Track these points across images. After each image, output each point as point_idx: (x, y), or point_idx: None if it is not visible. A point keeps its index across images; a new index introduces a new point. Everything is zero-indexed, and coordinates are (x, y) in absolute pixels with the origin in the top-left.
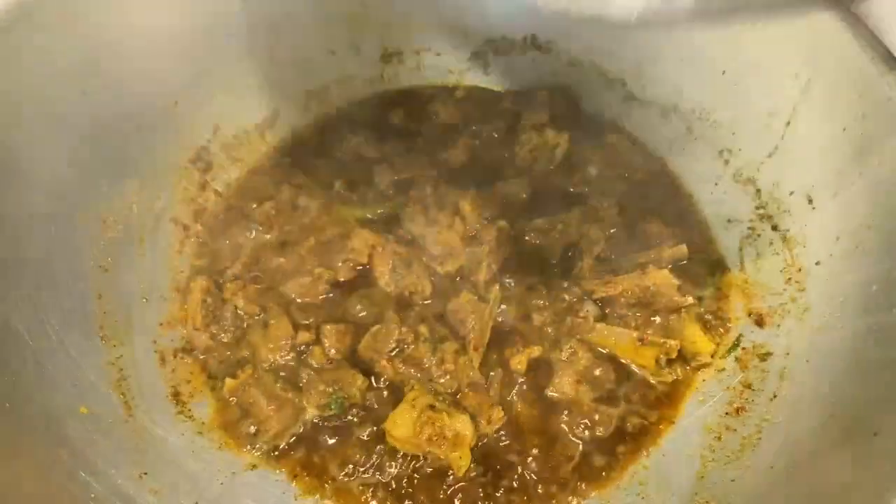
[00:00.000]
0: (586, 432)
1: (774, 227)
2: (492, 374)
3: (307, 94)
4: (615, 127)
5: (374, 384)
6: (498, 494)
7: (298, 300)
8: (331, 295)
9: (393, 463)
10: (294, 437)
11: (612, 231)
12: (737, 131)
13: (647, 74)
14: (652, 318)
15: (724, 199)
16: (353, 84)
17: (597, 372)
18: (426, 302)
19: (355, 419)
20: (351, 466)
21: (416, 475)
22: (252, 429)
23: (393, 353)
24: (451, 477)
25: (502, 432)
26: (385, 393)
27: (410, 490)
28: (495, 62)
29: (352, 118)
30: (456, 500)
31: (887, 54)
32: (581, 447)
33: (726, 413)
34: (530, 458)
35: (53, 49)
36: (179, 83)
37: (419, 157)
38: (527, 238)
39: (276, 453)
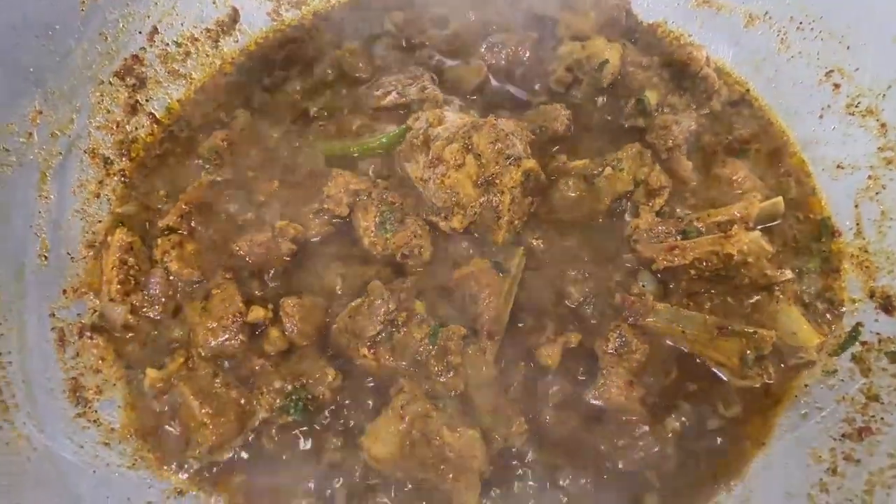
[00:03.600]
0: (641, 455)
1: None
2: (512, 370)
3: None
4: (682, 40)
5: (351, 380)
6: None
7: (252, 263)
8: (296, 257)
9: (372, 493)
10: (237, 453)
11: (679, 177)
12: (853, 44)
13: None
14: (735, 298)
15: (832, 138)
16: None
17: (656, 370)
18: (424, 269)
19: (322, 429)
20: (313, 495)
21: None
22: (180, 439)
23: (377, 339)
24: None
25: (528, 453)
26: (364, 393)
27: None
28: None
29: (334, 24)
30: None
31: None
32: (633, 475)
33: (843, 435)
34: (563, 489)
35: None
36: None
37: (422, 75)
38: (563, 184)
39: (212, 473)
